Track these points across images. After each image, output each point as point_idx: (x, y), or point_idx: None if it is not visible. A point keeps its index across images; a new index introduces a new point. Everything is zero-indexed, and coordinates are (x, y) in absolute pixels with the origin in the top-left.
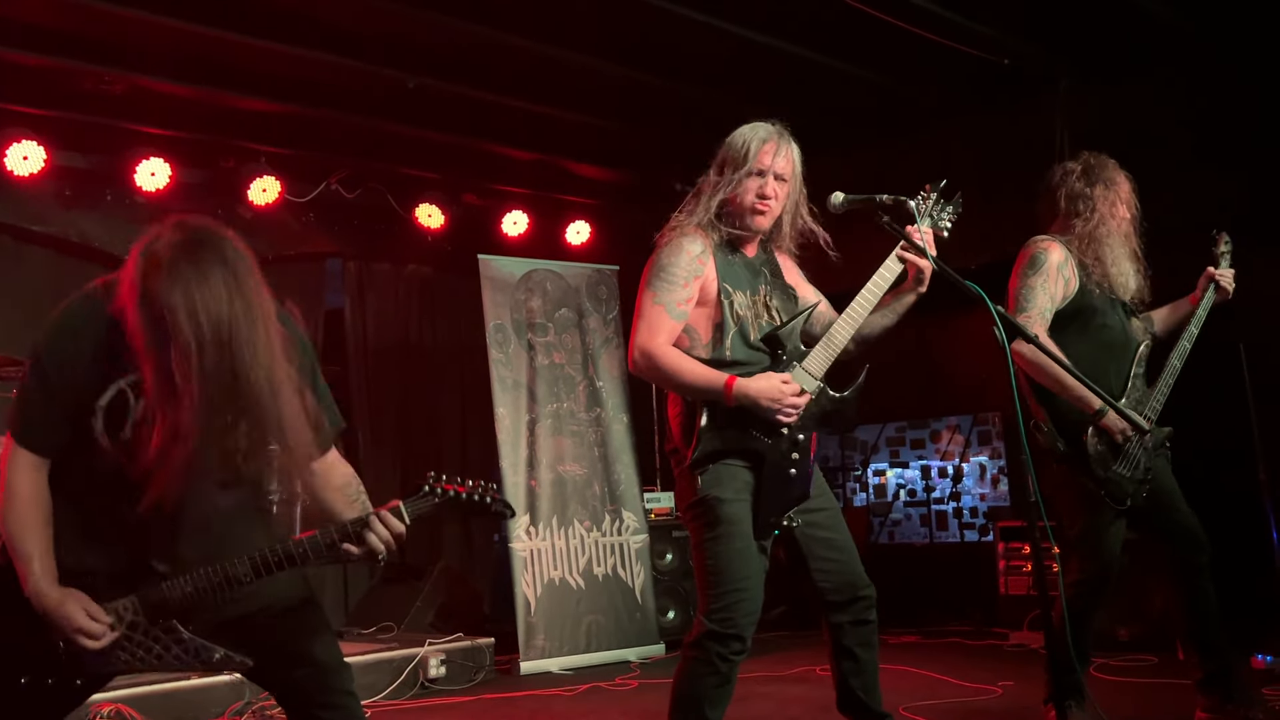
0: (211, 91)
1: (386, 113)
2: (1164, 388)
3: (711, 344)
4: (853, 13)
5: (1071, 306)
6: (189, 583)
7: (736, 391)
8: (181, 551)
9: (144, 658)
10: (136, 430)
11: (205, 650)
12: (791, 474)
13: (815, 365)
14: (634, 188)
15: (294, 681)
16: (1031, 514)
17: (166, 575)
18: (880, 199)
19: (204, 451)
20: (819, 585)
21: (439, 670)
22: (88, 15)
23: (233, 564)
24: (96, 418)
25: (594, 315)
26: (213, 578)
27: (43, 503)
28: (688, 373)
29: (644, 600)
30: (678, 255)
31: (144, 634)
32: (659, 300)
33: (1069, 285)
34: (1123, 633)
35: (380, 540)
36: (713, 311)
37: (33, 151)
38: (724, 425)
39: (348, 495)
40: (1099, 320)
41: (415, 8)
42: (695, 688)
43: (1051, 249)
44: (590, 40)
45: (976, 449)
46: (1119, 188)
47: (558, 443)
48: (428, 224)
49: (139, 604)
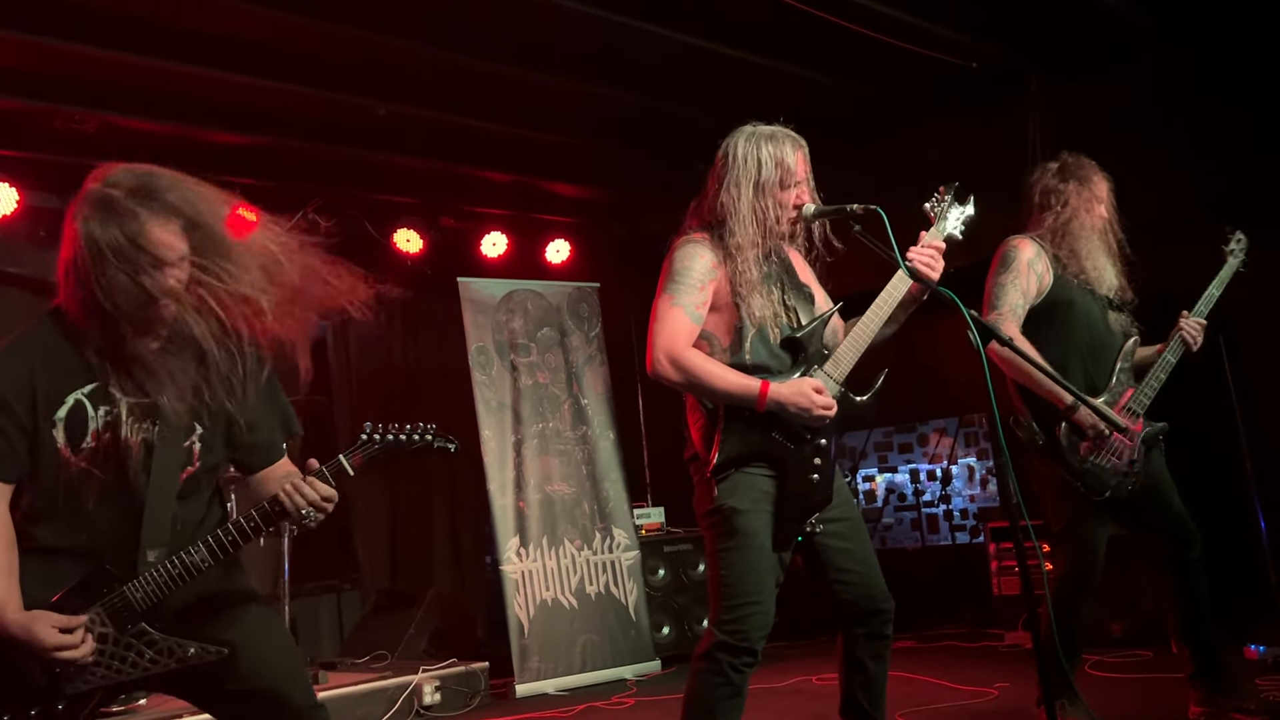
0: (183, 126)
1: (359, 140)
2: (1154, 381)
3: (730, 348)
4: (821, 22)
5: (1047, 301)
6: (150, 581)
7: (771, 398)
8: (143, 555)
9: (119, 668)
10: (98, 437)
11: (180, 647)
12: (814, 479)
13: (835, 370)
14: (611, 205)
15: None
16: (1013, 514)
17: (124, 579)
18: (851, 208)
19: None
20: (838, 597)
21: (434, 697)
22: (55, 55)
23: (189, 552)
24: (57, 429)
25: (576, 333)
26: (171, 570)
27: (4, 529)
28: (718, 377)
29: (638, 617)
30: (693, 259)
31: (114, 644)
32: (677, 302)
33: (1042, 280)
34: (1116, 628)
35: (304, 498)
36: (730, 316)
37: (5, 194)
38: (746, 430)
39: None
40: (1078, 314)
41: (383, 35)
42: (707, 699)
43: (1023, 246)
44: (561, 60)
45: (964, 450)
46: (1094, 185)
47: (545, 462)
48: (406, 249)
49: (104, 614)
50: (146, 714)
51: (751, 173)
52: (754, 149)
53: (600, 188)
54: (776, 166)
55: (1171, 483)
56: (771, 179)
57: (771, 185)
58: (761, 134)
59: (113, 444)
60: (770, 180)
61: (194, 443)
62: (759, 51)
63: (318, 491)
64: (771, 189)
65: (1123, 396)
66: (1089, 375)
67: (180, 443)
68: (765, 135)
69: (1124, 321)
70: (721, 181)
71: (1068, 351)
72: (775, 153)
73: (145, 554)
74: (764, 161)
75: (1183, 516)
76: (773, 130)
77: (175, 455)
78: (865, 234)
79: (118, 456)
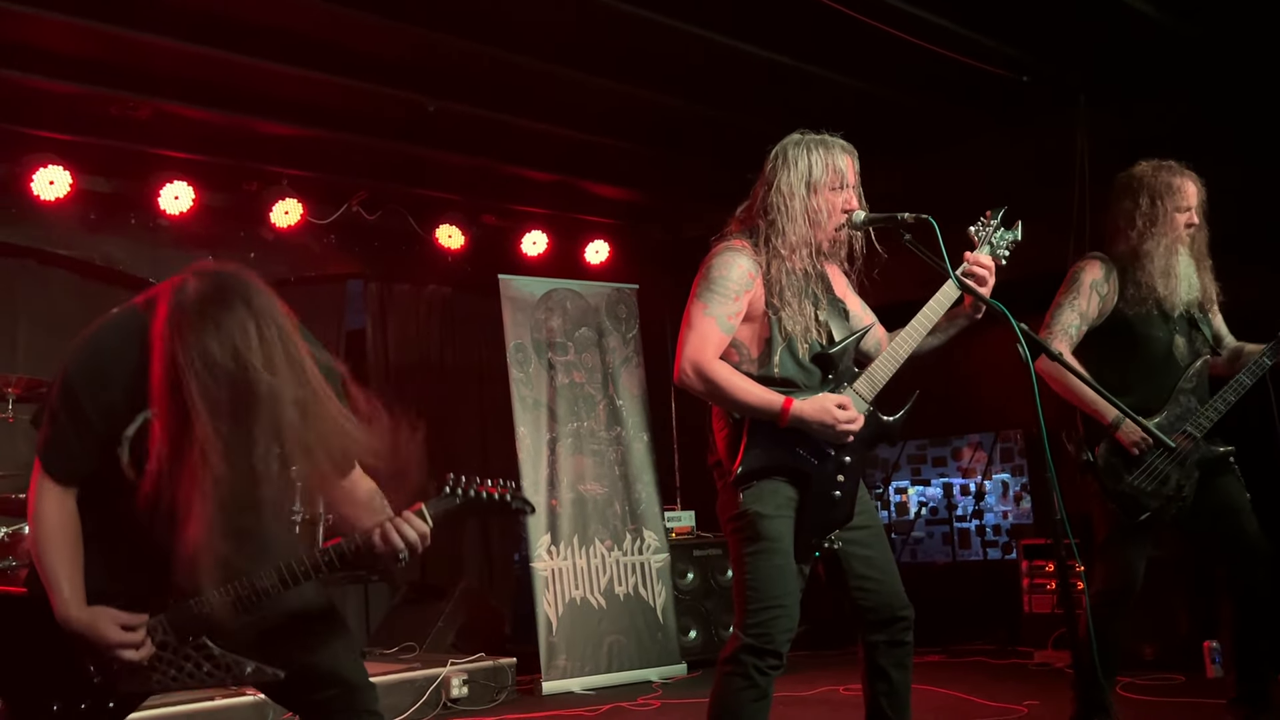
0: (234, 116)
1: (406, 135)
2: (1220, 403)
3: (759, 360)
4: (872, 30)
5: (1108, 323)
6: (217, 598)
7: (793, 414)
8: (208, 571)
9: (176, 676)
10: (162, 463)
11: (238, 665)
12: (836, 495)
13: (866, 388)
14: (652, 208)
15: (319, 702)
16: (1057, 531)
17: (192, 594)
18: (902, 217)
19: (227, 479)
20: (858, 604)
21: (461, 690)
22: (113, 42)
23: (259, 576)
24: (123, 448)
25: (614, 334)
26: (240, 591)
27: (70, 528)
28: (742, 390)
29: (665, 620)
30: (730, 269)
31: (174, 653)
32: (710, 312)
33: (1106, 301)
34: (1149, 651)
35: (403, 539)
36: (760, 327)
37: (58, 176)
38: (770, 444)
39: (372, 508)
40: (1140, 335)
41: (435, 31)
42: (733, 703)
43: (1090, 266)
44: (610, 62)
45: (999, 466)
46: (1174, 196)
47: (578, 462)
48: (448, 244)
49: (167, 623)
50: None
51: (804, 173)
52: (805, 152)
53: (642, 190)
54: (828, 169)
55: (1246, 505)
56: (823, 180)
57: (823, 186)
58: (813, 139)
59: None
60: (822, 181)
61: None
62: (808, 59)
63: (417, 530)
64: (823, 190)
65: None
66: (1145, 397)
67: (251, 457)
68: (816, 140)
69: (1199, 341)
70: (772, 183)
71: (1126, 372)
72: (827, 156)
73: (211, 570)
74: (815, 163)
75: (1255, 541)
76: (823, 137)
77: (245, 471)
78: (915, 243)
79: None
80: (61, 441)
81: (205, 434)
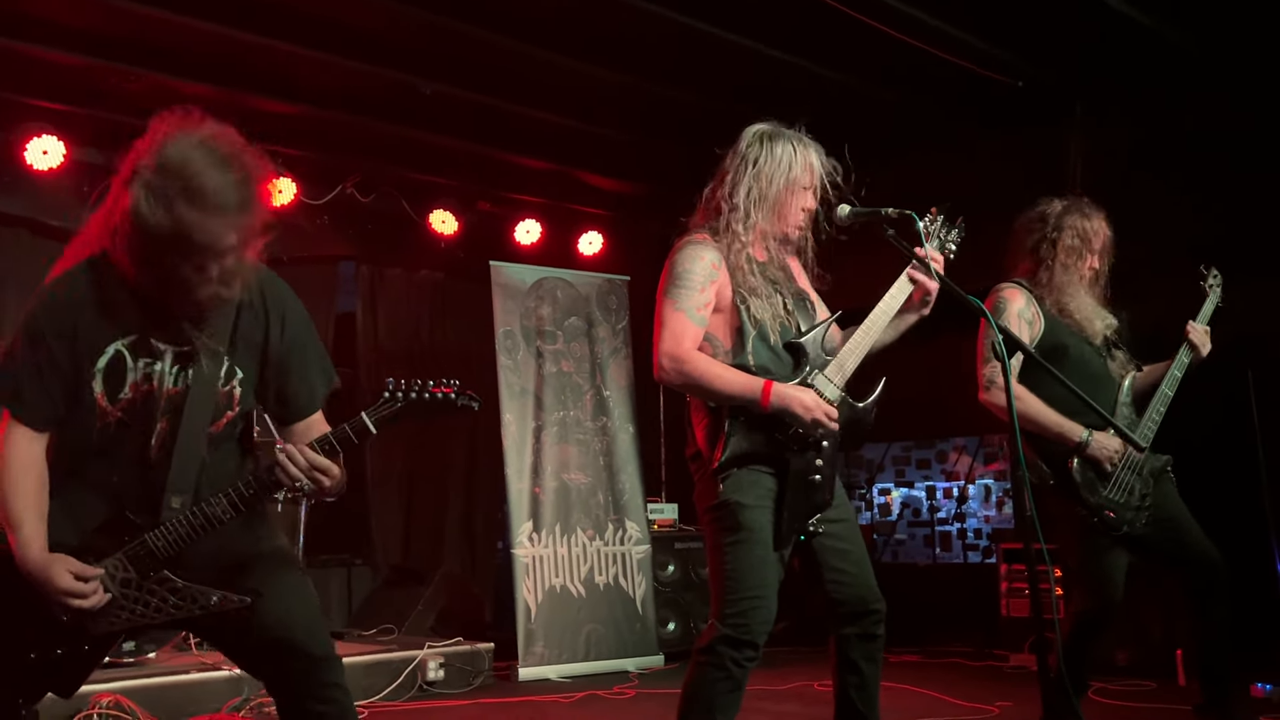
0: (230, 92)
1: (403, 118)
2: (1154, 415)
3: (733, 350)
4: (870, 30)
5: (1042, 347)
6: (171, 530)
7: (774, 397)
8: (167, 501)
9: (143, 612)
10: (136, 388)
11: (203, 594)
12: (815, 480)
13: (837, 375)
14: (647, 200)
15: (285, 672)
16: (1027, 532)
17: (147, 526)
18: (886, 212)
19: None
20: (831, 596)
21: (438, 673)
22: (111, 13)
23: (209, 503)
24: (96, 380)
25: (603, 325)
26: (194, 520)
27: (35, 471)
28: (720, 379)
29: (644, 611)
30: (693, 261)
31: (137, 589)
32: (679, 306)
33: (1034, 327)
34: (1121, 657)
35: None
36: (730, 317)
37: (52, 146)
38: (750, 431)
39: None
40: (1073, 356)
41: (434, 14)
42: (707, 693)
43: (1013, 297)
44: (609, 53)
45: (983, 470)
46: (1088, 240)
47: (563, 450)
48: (441, 230)
49: (126, 560)
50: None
51: (785, 165)
52: (786, 144)
53: (637, 182)
54: (806, 167)
55: (1187, 513)
56: (800, 176)
57: (796, 182)
58: (790, 133)
59: (149, 394)
60: (797, 177)
61: (234, 388)
62: (805, 56)
63: (309, 461)
64: (796, 186)
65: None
66: (1092, 414)
67: (218, 387)
68: (794, 135)
69: (1122, 359)
70: (749, 168)
71: (1068, 394)
72: (805, 154)
73: (170, 500)
74: (795, 158)
75: (1203, 546)
76: (798, 133)
77: (211, 401)
78: (897, 238)
79: (153, 406)
80: (27, 385)
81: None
